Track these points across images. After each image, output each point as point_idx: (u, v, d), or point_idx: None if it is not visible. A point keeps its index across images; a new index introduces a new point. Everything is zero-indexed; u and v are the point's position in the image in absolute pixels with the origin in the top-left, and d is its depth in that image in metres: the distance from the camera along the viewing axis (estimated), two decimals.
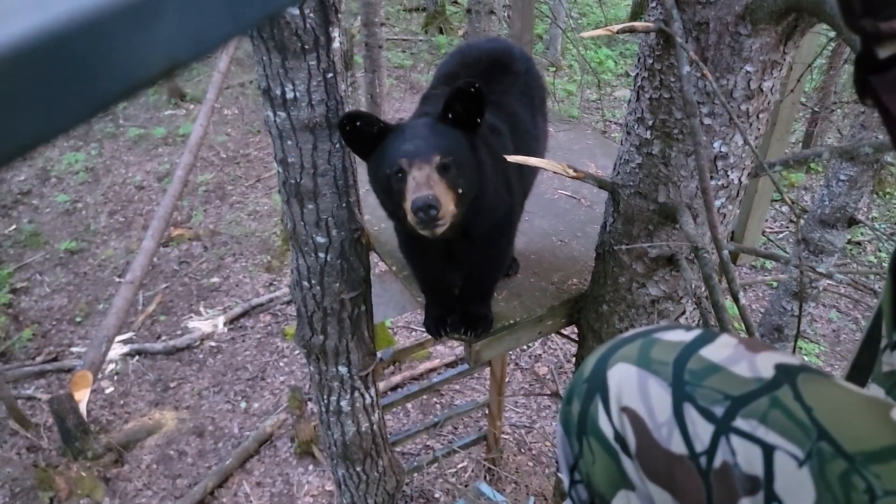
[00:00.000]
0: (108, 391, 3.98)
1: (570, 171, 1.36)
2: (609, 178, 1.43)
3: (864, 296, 4.43)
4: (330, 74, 1.56)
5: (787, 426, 0.41)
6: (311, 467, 3.54)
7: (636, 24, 1.18)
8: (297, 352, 4.14)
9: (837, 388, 0.44)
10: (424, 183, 1.21)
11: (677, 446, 0.44)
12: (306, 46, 1.49)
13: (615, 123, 6.32)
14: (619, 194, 1.39)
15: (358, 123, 1.29)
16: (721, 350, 0.47)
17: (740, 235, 1.84)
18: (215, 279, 4.82)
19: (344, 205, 1.77)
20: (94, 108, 0.15)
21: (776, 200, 4.85)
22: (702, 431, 0.44)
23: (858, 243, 4.86)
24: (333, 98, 1.60)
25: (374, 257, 2.00)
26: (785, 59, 1.15)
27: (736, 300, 1.13)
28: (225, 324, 4.41)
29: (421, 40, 7.98)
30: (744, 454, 0.41)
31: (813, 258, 2.89)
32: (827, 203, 2.76)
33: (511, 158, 1.31)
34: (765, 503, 0.40)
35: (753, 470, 0.41)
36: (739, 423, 0.42)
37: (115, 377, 4.07)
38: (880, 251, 4.77)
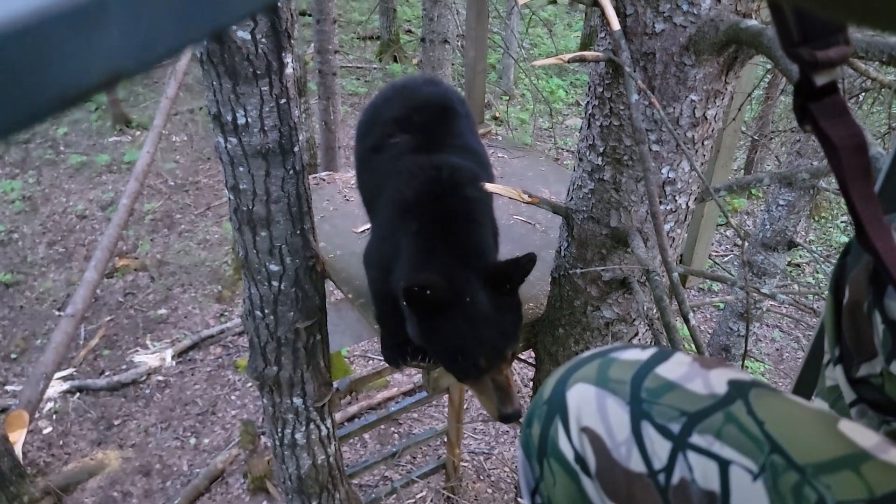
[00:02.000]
0: (45, 431, 3.78)
1: (525, 197, 1.38)
2: (563, 204, 1.45)
3: (805, 315, 4.60)
4: (283, 100, 1.55)
5: (741, 440, 0.41)
6: (264, 503, 3.42)
7: (586, 53, 1.21)
8: (249, 384, 4.03)
9: (787, 401, 0.45)
10: (507, 391, 1.27)
11: (636, 465, 0.44)
12: (258, 72, 1.47)
13: (567, 151, 6.46)
14: (573, 219, 1.41)
15: (428, 292, 1.27)
16: (676, 368, 0.48)
17: (688, 259, 1.89)
18: (163, 311, 4.68)
19: (298, 232, 1.74)
20: (26, 117, 0.14)
21: (721, 225, 5.01)
22: (659, 449, 0.44)
23: (798, 265, 5.06)
24: (286, 124, 1.59)
25: (329, 285, 1.98)
26: (727, 89, 1.19)
27: (686, 321, 1.15)
28: (173, 357, 4.27)
29: (375, 68, 8.03)
30: (701, 470, 0.42)
31: (757, 280, 2.99)
32: (768, 227, 2.87)
33: (486, 187, 1.35)
34: None
35: (710, 485, 0.41)
36: (696, 439, 0.43)
37: (54, 416, 3.87)
38: (818, 273, 4.97)
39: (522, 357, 2.12)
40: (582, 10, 8.95)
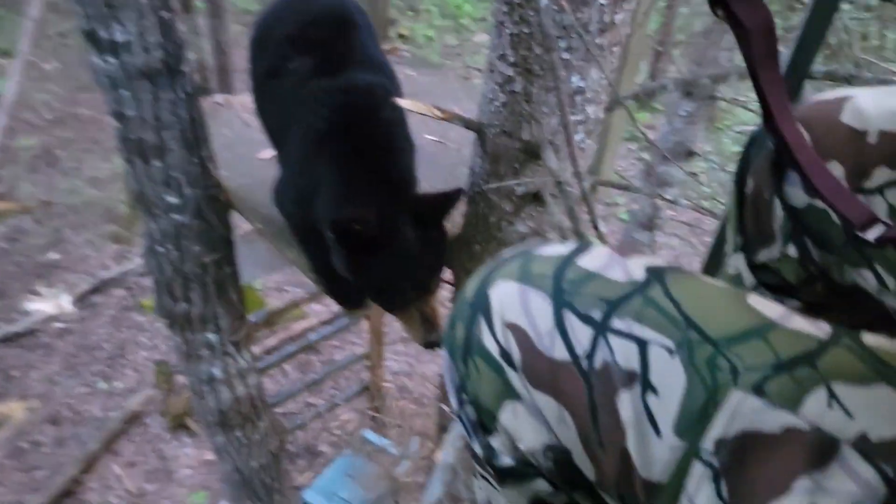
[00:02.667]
0: None
1: (437, 112, 1.34)
2: (475, 119, 1.42)
3: (703, 221, 4.88)
4: (165, 14, 1.41)
5: (659, 321, 0.43)
6: (186, 440, 3.38)
7: None
8: (159, 324, 3.88)
9: (701, 282, 0.48)
10: (433, 320, 1.31)
11: (560, 353, 0.46)
12: None
13: (476, 69, 6.36)
14: (486, 134, 1.39)
15: (358, 227, 1.23)
16: (596, 258, 0.49)
17: (596, 170, 1.92)
18: (54, 255, 4.36)
19: (196, 160, 1.63)
20: None
21: (626, 139, 5.15)
22: (581, 336, 0.45)
23: (695, 174, 5.30)
24: (172, 40, 1.45)
25: (236, 217, 1.89)
26: None
27: (596, 228, 1.18)
28: (73, 302, 4.02)
29: None
30: (621, 352, 0.44)
31: (658, 190, 3.12)
32: (670, 138, 2.97)
33: (401, 103, 1.31)
34: (641, 393, 0.42)
35: (630, 364, 0.43)
36: (616, 323, 0.44)
37: None
38: (712, 182, 5.25)
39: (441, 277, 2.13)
40: None
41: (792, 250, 0.58)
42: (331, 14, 1.46)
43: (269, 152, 2.01)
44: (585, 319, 0.46)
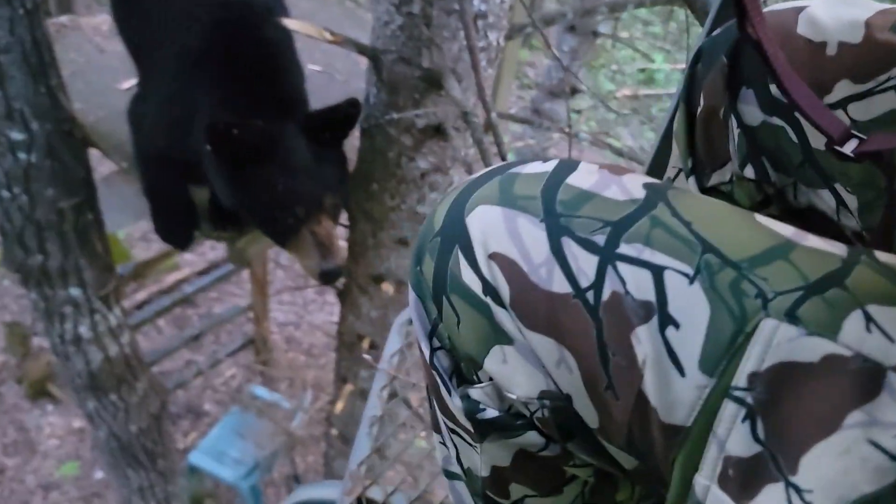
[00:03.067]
0: None
1: (328, 35, 1.23)
2: (369, 44, 1.32)
3: (582, 157, 5.04)
4: None
5: (671, 244, 0.38)
6: (49, 407, 3.09)
7: None
8: (6, 282, 3.47)
9: (704, 200, 0.43)
10: (329, 244, 1.18)
11: (559, 286, 0.39)
12: None
13: (354, 1, 6.06)
14: (382, 61, 1.30)
15: (236, 131, 1.09)
16: (587, 176, 0.42)
17: (493, 102, 1.88)
18: None
19: (43, 90, 1.41)
20: None
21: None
22: (585, 265, 0.39)
23: (579, 111, 5.44)
24: None
25: (96, 156, 1.67)
26: None
27: (504, 160, 1.14)
28: None
29: None
30: (633, 280, 0.38)
31: (541, 127, 3.16)
32: (554, 75, 2.99)
33: (287, 23, 1.20)
34: (659, 328, 0.37)
35: (645, 295, 0.37)
36: (624, 248, 0.38)
37: None
38: (590, 120, 5.42)
39: None
40: None
41: (749, 171, 0.55)
42: None
43: (130, 81, 1.79)
44: (588, 245, 0.39)
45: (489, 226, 0.42)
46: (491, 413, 0.45)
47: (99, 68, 1.77)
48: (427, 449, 0.90)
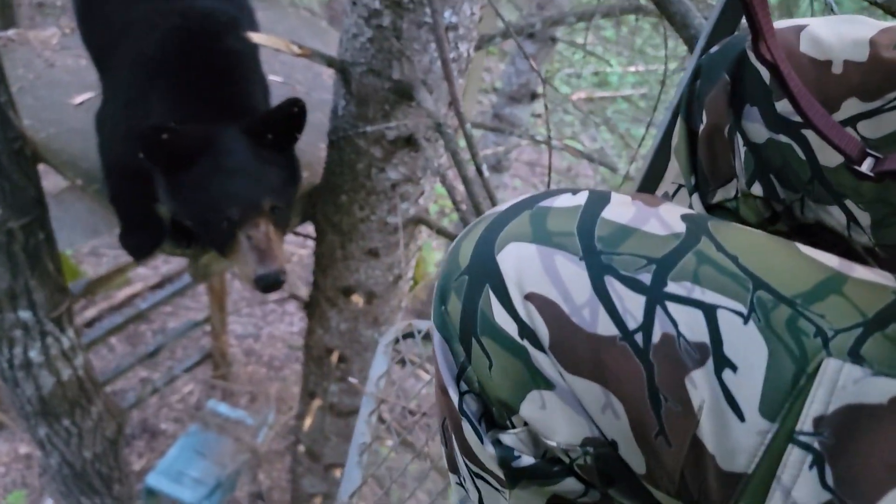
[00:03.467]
0: None
1: (295, 49, 1.20)
2: (337, 56, 1.30)
3: (540, 161, 5.10)
4: None
5: (721, 281, 0.36)
6: None
7: None
8: None
9: (743, 230, 0.41)
10: (266, 249, 1.10)
11: (605, 328, 0.37)
12: None
13: (306, 9, 5.99)
14: (350, 73, 1.28)
15: (164, 136, 1.03)
16: (623, 209, 0.41)
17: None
18: None
19: None
20: None
21: None
22: (632, 305, 0.37)
23: (539, 115, 5.48)
24: None
25: (46, 173, 1.59)
26: None
27: (480, 173, 1.13)
28: None
29: None
30: (685, 321, 0.36)
31: (510, 131, 3.17)
32: (514, 80, 3.01)
33: (252, 37, 1.16)
34: (715, 371, 0.35)
35: (699, 337, 0.36)
36: (672, 287, 0.37)
37: None
38: (549, 123, 5.49)
39: (301, 232, 1.99)
40: None
41: (757, 188, 0.55)
42: None
43: (82, 96, 1.71)
44: (633, 285, 0.37)
45: (524, 264, 0.40)
46: (527, 461, 0.42)
47: (49, 83, 1.69)
48: (422, 472, 0.88)
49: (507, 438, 0.43)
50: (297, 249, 4.24)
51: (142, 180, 1.22)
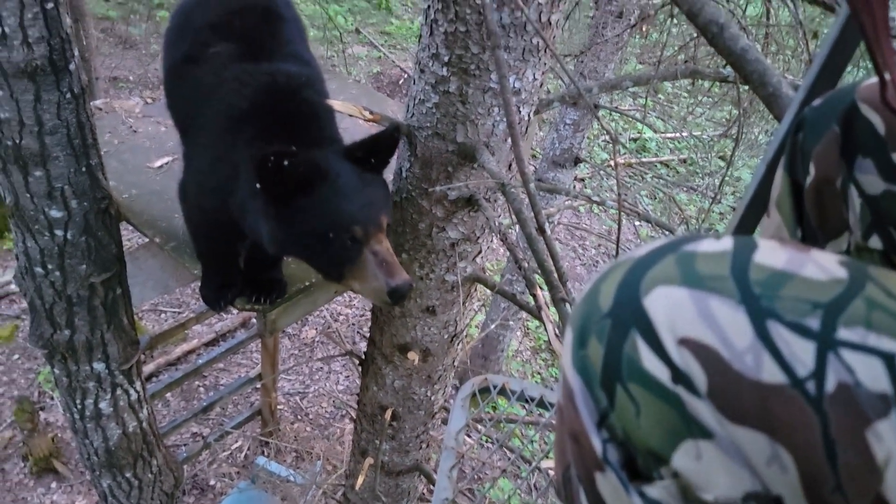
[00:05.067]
0: None
1: (367, 114, 1.28)
2: (404, 121, 1.38)
3: (580, 224, 5.13)
4: (50, 4, 1.24)
5: (895, 327, 0.35)
6: (53, 485, 3.00)
7: None
8: (16, 356, 3.43)
9: None
10: (392, 262, 1.15)
11: (770, 375, 0.36)
12: None
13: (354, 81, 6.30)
14: (416, 137, 1.35)
15: (285, 162, 1.08)
16: (776, 253, 0.39)
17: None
18: None
19: (84, 169, 1.45)
20: None
21: None
22: (800, 351, 0.35)
23: (582, 179, 5.56)
24: (57, 35, 1.28)
25: (126, 232, 1.70)
26: None
27: (542, 231, 1.17)
28: None
29: None
30: (863, 369, 0.34)
31: (548, 196, 3.23)
32: (557, 146, 3.09)
33: (331, 103, 1.24)
34: None
35: (879, 386, 0.34)
36: (844, 333, 0.35)
37: None
38: (586, 188, 5.55)
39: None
40: None
41: (875, 241, 0.53)
42: (256, 4, 1.37)
43: (161, 160, 1.84)
44: (800, 330, 0.36)
45: (676, 308, 0.38)
46: None
47: (131, 148, 1.83)
48: None
49: (654, 491, 0.40)
50: (343, 309, 4.31)
51: (225, 236, 1.30)
